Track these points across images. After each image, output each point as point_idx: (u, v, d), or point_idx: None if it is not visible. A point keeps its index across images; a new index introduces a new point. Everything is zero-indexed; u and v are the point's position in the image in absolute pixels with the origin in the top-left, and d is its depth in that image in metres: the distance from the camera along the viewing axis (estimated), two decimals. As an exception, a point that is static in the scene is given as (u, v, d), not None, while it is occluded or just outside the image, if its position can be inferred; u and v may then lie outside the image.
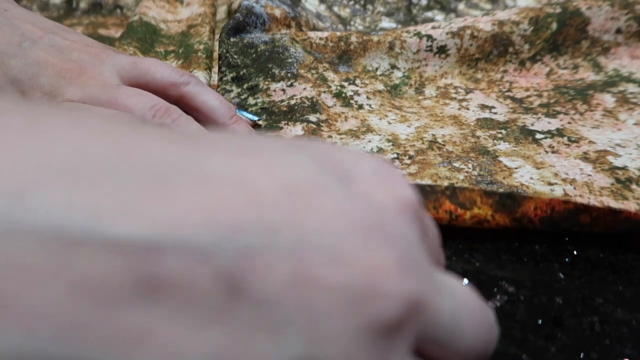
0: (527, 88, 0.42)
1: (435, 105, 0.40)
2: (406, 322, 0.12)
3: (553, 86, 0.42)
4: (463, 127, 0.37)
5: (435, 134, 0.36)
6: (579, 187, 0.31)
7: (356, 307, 0.11)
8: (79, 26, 0.47)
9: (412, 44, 0.44)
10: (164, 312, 0.10)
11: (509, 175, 0.32)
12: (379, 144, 0.34)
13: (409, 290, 0.12)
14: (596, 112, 0.38)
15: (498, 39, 0.44)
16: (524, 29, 0.44)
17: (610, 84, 0.41)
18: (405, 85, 0.42)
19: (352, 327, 0.11)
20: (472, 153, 0.34)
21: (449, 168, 0.32)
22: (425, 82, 0.43)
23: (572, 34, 0.44)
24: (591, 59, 0.43)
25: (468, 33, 0.44)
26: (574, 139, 0.36)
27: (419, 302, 0.12)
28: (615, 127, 0.37)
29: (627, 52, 0.43)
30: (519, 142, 0.36)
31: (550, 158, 0.34)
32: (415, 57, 0.44)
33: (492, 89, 0.42)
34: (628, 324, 0.24)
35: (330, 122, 0.37)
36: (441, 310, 0.13)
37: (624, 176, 0.32)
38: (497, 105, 0.40)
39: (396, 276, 0.12)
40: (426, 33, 0.44)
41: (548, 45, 0.44)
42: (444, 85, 0.42)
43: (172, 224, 0.11)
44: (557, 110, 0.38)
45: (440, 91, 0.42)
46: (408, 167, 0.33)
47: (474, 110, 0.40)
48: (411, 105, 0.40)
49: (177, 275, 0.10)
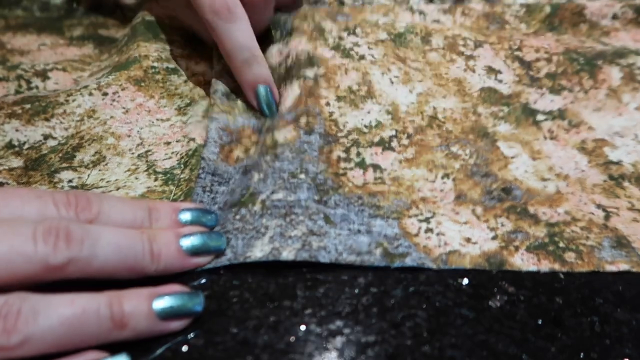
0: (538, 49, 0.40)
1: (441, 61, 0.39)
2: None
3: (564, 49, 0.40)
4: (465, 99, 0.36)
5: (437, 107, 0.35)
6: (572, 183, 0.31)
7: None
8: (79, 26, 0.47)
9: (405, 17, 0.43)
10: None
11: (504, 166, 0.32)
12: (378, 117, 0.33)
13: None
14: (600, 91, 0.37)
15: (491, 17, 0.43)
16: (516, 10, 0.43)
17: (619, 54, 0.40)
18: (410, 33, 0.40)
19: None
20: (471, 134, 0.34)
21: (446, 153, 0.32)
22: (432, 31, 0.40)
23: (568, 17, 0.43)
24: (594, 38, 0.42)
25: (459, 10, 0.43)
26: (574, 123, 0.35)
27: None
28: (617, 111, 0.36)
29: (628, 37, 0.43)
30: (519, 123, 0.35)
31: (548, 146, 0.34)
32: (414, 23, 0.42)
33: (502, 44, 0.40)
34: (628, 324, 0.24)
35: (329, 75, 0.35)
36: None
37: (618, 172, 0.32)
38: (504, 69, 0.39)
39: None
40: (418, 9, 0.43)
41: (545, 25, 0.43)
42: (452, 36, 0.40)
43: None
44: (562, 85, 0.37)
45: (448, 42, 0.40)
46: (405, 150, 0.32)
47: (479, 74, 0.38)
48: (416, 57, 0.39)
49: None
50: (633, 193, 0.31)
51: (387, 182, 0.30)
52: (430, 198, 0.30)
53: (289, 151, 0.30)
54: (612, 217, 0.29)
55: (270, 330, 0.23)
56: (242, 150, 0.32)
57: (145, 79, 0.37)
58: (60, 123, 0.34)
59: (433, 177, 0.31)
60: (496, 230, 0.28)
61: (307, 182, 0.28)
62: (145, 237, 0.24)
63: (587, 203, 0.30)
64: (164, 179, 0.31)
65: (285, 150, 0.30)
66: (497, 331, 0.23)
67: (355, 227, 0.27)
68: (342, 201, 0.28)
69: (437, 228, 0.28)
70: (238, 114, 0.33)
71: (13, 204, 0.22)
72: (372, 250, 0.26)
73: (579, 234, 0.28)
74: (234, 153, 0.31)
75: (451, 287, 0.25)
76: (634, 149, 0.34)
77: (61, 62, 0.41)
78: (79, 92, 0.36)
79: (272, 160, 0.30)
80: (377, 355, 0.22)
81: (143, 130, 0.34)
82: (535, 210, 0.29)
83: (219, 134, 0.31)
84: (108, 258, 0.22)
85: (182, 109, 0.36)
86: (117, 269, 0.22)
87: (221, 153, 0.31)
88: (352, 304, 0.24)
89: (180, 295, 0.22)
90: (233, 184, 0.30)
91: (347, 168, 0.31)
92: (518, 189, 0.31)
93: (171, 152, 0.33)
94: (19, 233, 0.20)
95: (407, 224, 0.28)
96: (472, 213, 0.29)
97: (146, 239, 0.24)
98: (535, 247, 0.27)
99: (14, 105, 0.35)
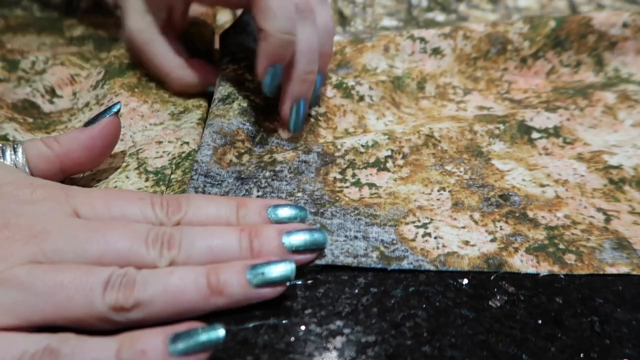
0: (526, 90, 0.41)
1: (432, 107, 0.40)
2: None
3: (552, 88, 0.41)
4: (461, 122, 0.36)
5: (433, 128, 0.35)
6: (571, 188, 0.31)
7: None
8: (79, 26, 0.47)
9: (406, 47, 0.44)
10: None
11: (500, 178, 0.32)
12: (375, 138, 0.34)
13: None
14: (596, 108, 0.38)
15: (493, 37, 0.43)
16: (519, 27, 0.44)
17: (609, 85, 0.41)
18: (407, 78, 0.41)
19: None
20: (465, 154, 0.34)
21: (440, 172, 0.32)
22: (426, 77, 0.42)
23: (575, 29, 0.43)
24: (596, 54, 0.43)
25: (460, 34, 0.43)
26: (569, 141, 0.35)
27: None
28: (612, 127, 0.37)
29: (634, 47, 0.43)
30: (514, 141, 0.35)
31: (544, 159, 0.34)
32: (411, 59, 0.43)
33: (491, 90, 0.42)
34: (628, 324, 0.24)
35: (329, 115, 0.36)
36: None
37: (618, 176, 0.32)
38: (495, 106, 0.40)
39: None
40: (419, 36, 0.44)
41: (550, 41, 0.43)
42: (443, 84, 0.42)
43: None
44: (557, 105, 0.38)
45: (439, 90, 0.41)
46: (400, 170, 0.33)
47: (472, 110, 0.39)
48: (409, 104, 0.40)
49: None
50: (634, 197, 0.31)
51: (383, 196, 0.31)
52: (427, 206, 0.30)
53: (288, 170, 0.31)
54: (612, 220, 0.29)
55: (270, 330, 0.23)
56: (235, 155, 0.32)
57: (139, 85, 0.37)
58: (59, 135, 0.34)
59: (429, 190, 0.31)
60: (495, 234, 0.28)
61: (304, 199, 0.29)
62: (245, 234, 0.25)
63: (587, 207, 0.30)
64: (155, 179, 0.30)
65: (284, 169, 0.31)
66: (497, 331, 0.23)
67: (351, 234, 0.27)
68: (339, 212, 0.29)
69: (435, 232, 0.28)
70: (233, 116, 0.33)
71: (120, 204, 0.25)
72: (368, 253, 0.26)
73: (580, 236, 0.28)
74: (227, 156, 0.31)
75: (451, 287, 0.25)
76: (634, 153, 0.34)
77: (59, 56, 0.41)
78: (81, 110, 0.37)
79: (271, 178, 0.30)
80: (377, 355, 0.22)
81: (136, 135, 0.34)
82: (535, 215, 0.29)
83: (212, 137, 0.31)
84: (201, 259, 0.24)
85: (175, 115, 0.36)
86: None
87: (214, 155, 0.31)
88: (352, 304, 0.24)
89: (273, 265, 0.23)
90: (226, 188, 0.30)
91: (343, 187, 0.31)
92: (516, 195, 0.31)
93: (162, 150, 0.33)
94: (134, 236, 0.23)
95: (404, 230, 0.28)
96: (470, 219, 0.29)
97: (246, 235, 0.25)
98: (535, 248, 0.27)
99: (15, 110, 0.35)
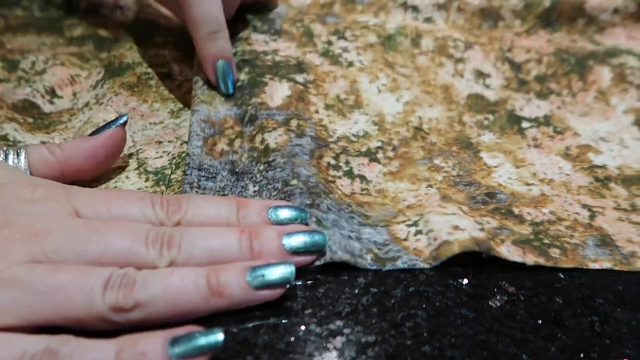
0: (529, 49, 0.40)
1: (429, 66, 0.39)
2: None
3: (554, 49, 0.40)
4: (452, 108, 0.36)
5: (422, 117, 0.35)
6: (557, 187, 0.31)
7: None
8: (79, 26, 0.47)
9: (396, 15, 0.42)
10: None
11: (487, 175, 0.32)
12: (365, 127, 0.34)
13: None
14: (589, 93, 0.37)
15: (487, 12, 0.43)
16: (514, 4, 0.43)
17: (611, 54, 0.40)
18: (400, 35, 0.40)
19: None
20: (454, 146, 0.34)
21: (429, 167, 0.32)
22: (422, 32, 0.40)
23: (567, 11, 0.43)
24: (587, 36, 0.42)
25: (455, 5, 0.43)
26: (560, 129, 0.35)
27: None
28: (604, 115, 0.36)
29: (624, 33, 0.42)
30: (503, 132, 0.35)
31: (532, 154, 0.34)
32: (404, 23, 0.42)
33: (493, 45, 0.40)
34: (628, 324, 0.24)
35: (318, 82, 0.36)
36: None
37: (603, 174, 0.32)
38: (493, 72, 0.39)
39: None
40: (412, 4, 0.43)
41: (541, 21, 0.43)
42: (442, 37, 0.40)
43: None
44: (550, 89, 0.37)
45: (439, 44, 0.40)
46: (390, 163, 0.32)
47: (467, 79, 0.38)
48: (405, 63, 0.39)
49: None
50: (619, 193, 0.31)
51: (372, 194, 0.31)
52: (416, 203, 0.30)
53: (280, 157, 0.30)
54: (597, 216, 0.29)
55: (270, 330, 0.23)
56: (225, 143, 0.31)
57: (138, 85, 0.37)
58: (60, 135, 0.35)
59: (416, 187, 0.31)
60: (482, 225, 0.28)
61: (300, 187, 0.28)
62: (245, 236, 0.24)
63: (572, 204, 0.30)
64: (155, 179, 0.30)
65: (277, 157, 0.30)
66: (497, 331, 0.23)
67: (346, 233, 0.27)
68: (334, 206, 0.28)
69: (426, 226, 0.27)
70: (219, 103, 0.33)
71: (120, 204, 0.25)
72: (363, 255, 0.26)
73: (563, 232, 0.28)
74: (217, 146, 0.31)
75: (451, 287, 0.25)
76: (618, 153, 0.34)
77: (59, 56, 0.41)
78: (81, 111, 0.37)
79: (265, 170, 0.30)
80: (377, 355, 0.22)
81: (136, 135, 0.34)
82: (520, 211, 0.29)
83: (200, 127, 0.31)
84: (201, 260, 0.24)
85: (175, 113, 0.36)
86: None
87: (205, 146, 0.30)
88: (352, 304, 0.24)
89: (273, 267, 0.23)
90: (221, 182, 0.29)
91: (335, 176, 0.31)
92: (502, 193, 0.31)
93: (162, 151, 0.32)
94: (134, 236, 0.23)
95: (395, 229, 0.28)
96: (458, 209, 0.29)
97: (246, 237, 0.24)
98: (521, 241, 0.27)
99: (15, 111, 0.35)
